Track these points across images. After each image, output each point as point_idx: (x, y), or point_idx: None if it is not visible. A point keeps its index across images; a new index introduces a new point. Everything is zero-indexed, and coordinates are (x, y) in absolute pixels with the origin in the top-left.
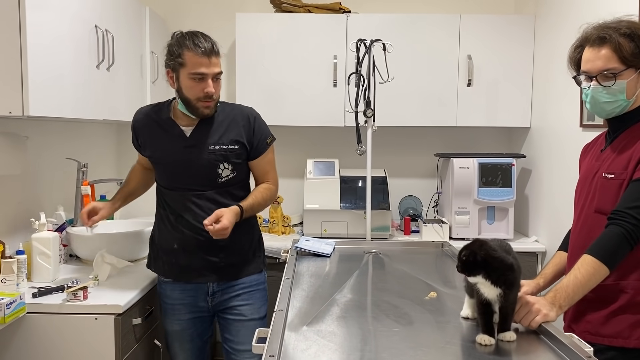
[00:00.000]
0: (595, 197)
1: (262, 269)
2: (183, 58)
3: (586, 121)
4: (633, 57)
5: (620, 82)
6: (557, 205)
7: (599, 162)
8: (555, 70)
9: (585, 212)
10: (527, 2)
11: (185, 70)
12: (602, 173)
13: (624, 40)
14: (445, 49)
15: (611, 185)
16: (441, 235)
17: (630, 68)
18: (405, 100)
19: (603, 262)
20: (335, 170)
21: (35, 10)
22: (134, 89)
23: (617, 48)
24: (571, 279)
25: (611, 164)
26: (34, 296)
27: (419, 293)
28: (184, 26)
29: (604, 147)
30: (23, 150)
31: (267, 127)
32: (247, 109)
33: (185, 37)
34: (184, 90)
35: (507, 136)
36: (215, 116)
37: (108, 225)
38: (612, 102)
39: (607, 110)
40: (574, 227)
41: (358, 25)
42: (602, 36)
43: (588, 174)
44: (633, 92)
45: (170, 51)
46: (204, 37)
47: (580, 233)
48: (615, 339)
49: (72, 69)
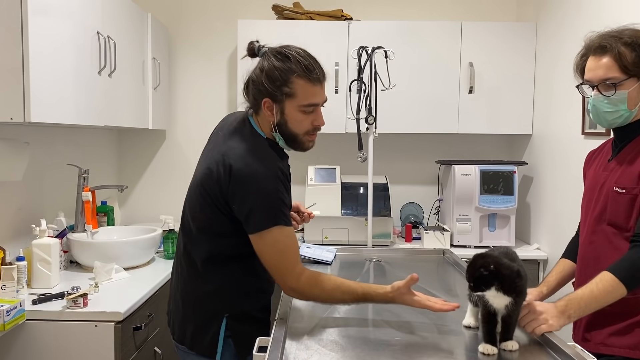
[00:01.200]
0: (607, 210)
1: None
2: (292, 87)
3: (588, 129)
4: (634, 67)
5: (621, 92)
6: (559, 213)
7: (607, 172)
8: (557, 77)
9: (595, 223)
10: (529, 10)
11: (295, 101)
12: (613, 186)
13: (625, 50)
14: (446, 56)
15: (623, 200)
16: (442, 242)
17: (632, 78)
18: (407, 107)
19: (622, 282)
20: (337, 176)
21: (38, 17)
22: (136, 96)
23: (618, 57)
24: (586, 292)
25: (620, 177)
26: (34, 303)
27: None
28: (185, 33)
29: (611, 157)
30: (24, 156)
31: None
32: None
33: (291, 58)
34: (289, 124)
35: (508, 143)
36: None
37: (109, 232)
38: (613, 112)
39: (609, 121)
40: (583, 238)
41: (360, 33)
42: (603, 45)
43: (595, 184)
44: (635, 103)
45: (272, 77)
46: (312, 58)
47: (591, 245)
48: (633, 350)
49: (74, 75)
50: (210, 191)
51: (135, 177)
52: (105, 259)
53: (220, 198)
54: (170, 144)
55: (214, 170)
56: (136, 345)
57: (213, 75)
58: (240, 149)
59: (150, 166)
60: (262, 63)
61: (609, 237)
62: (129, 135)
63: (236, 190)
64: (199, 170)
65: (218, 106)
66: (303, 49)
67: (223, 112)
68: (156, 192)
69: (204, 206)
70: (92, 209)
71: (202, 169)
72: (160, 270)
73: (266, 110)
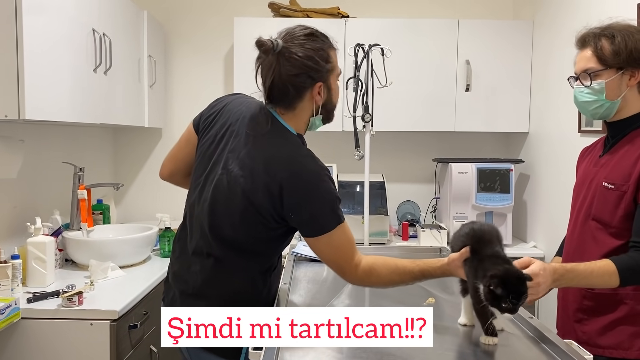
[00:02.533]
0: (593, 205)
1: None
2: (331, 60)
3: (584, 127)
4: (612, 58)
5: (598, 82)
6: (556, 211)
7: (597, 167)
8: (554, 75)
9: (581, 218)
10: (525, 8)
11: (334, 73)
12: (602, 182)
13: (605, 42)
14: (443, 54)
15: (611, 196)
16: (439, 240)
17: (610, 69)
18: (403, 105)
19: (620, 276)
20: (333, 175)
21: (32, 14)
22: (131, 93)
23: (595, 49)
24: (583, 268)
25: (610, 173)
26: (29, 301)
27: (417, 299)
28: (181, 30)
29: (603, 153)
30: (19, 154)
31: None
32: None
33: (318, 35)
34: (333, 98)
35: (505, 141)
36: None
37: (105, 231)
38: (592, 102)
39: (590, 111)
40: (569, 233)
41: (356, 30)
42: (585, 38)
43: (585, 178)
44: (616, 94)
45: (319, 59)
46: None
47: (576, 240)
48: (615, 350)
49: (69, 72)
50: (260, 207)
51: (131, 175)
52: (101, 257)
53: (273, 213)
54: (166, 142)
55: (262, 184)
56: (132, 343)
57: (209, 73)
58: (286, 154)
59: (146, 164)
60: (292, 53)
61: (593, 233)
62: (125, 133)
63: (294, 199)
64: (236, 179)
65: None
66: (305, 25)
67: None
68: (152, 190)
69: (248, 222)
70: (88, 207)
71: (245, 181)
72: (156, 269)
73: (316, 95)
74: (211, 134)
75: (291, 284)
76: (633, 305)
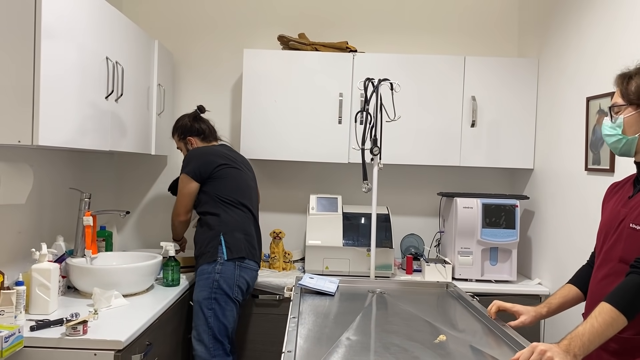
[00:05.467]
0: (621, 247)
1: (213, 260)
2: None
3: (591, 164)
4: (634, 94)
5: (619, 117)
6: (561, 248)
7: (626, 209)
8: (559, 112)
9: (609, 260)
10: (531, 46)
11: None
12: (630, 223)
13: (632, 79)
14: (449, 90)
15: (638, 238)
16: (444, 275)
17: (631, 105)
18: (409, 139)
19: (621, 312)
20: (338, 206)
21: (50, 41)
22: (140, 121)
23: (622, 86)
24: (587, 327)
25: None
26: (32, 329)
27: (427, 336)
28: (192, 60)
29: (632, 194)
30: (29, 179)
31: (184, 163)
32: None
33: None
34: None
35: (510, 177)
36: None
37: (108, 258)
38: (612, 136)
39: (610, 145)
40: (594, 273)
41: (364, 65)
42: (618, 76)
43: (613, 219)
44: (634, 130)
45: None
46: None
47: (602, 281)
48: None
49: (82, 99)
50: None
51: (134, 202)
52: (105, 285)
53: None
54: (171, 169)
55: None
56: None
57: (216, 103)
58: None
59: (150, 191)
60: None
61: (622, 275)
62: (130, 159)
63: None
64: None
65: (221, 133)
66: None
67: (226, 139)
68: (155, 218)
69: None
70: (93, 233)
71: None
72: (160, 298)
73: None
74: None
75: (299, 318)
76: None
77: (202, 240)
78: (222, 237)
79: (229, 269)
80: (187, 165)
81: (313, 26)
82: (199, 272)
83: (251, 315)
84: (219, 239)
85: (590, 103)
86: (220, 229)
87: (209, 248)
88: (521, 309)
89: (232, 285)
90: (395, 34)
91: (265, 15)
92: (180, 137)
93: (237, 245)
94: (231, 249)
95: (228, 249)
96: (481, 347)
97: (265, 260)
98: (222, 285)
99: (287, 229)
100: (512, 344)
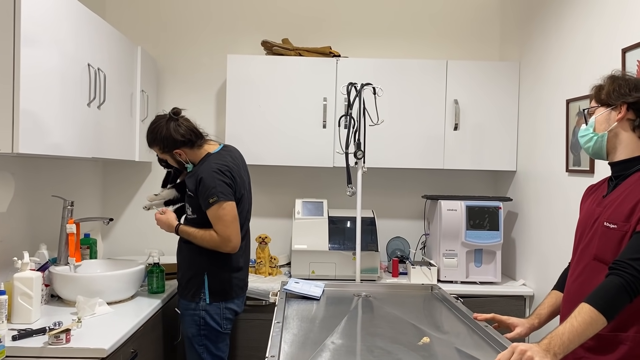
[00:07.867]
0: (595, 245)
1: (194, 300)
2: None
3: (572, 166)
4: (607, 97)
5: (592, 118)
6: (544, 249)
7: (601, 207)
8: (540, 115)
9: (584, 258)
10: (512, 50)
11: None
12: (604, 221)
13: (604, 86)
14: (432, 94)
15: (612, 236)
16: (429, 277)
17: (602, 106)
18: (393, 143)
19: (601, 312)
20: (324, 210)
21: (30, 48)
22: (124, 128)
23: (596, 92)
24: (567, 327)
25: (613, 213)
26: (14, 339)
27: (411, 338)
28: (176, 66)
29: (606, 193)
30: (10, 187)
31: (211, 188)
32: (205, 167)
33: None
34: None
35: (493, 179)
36: (195, 167)
37: (92, 266)
38: (585, 136)
39: (583, 145)
40: (571, 272)
41: (347, 69)
42: (593, 86)
43: (588, 218)
44: (604, 127)
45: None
46: None
47: (577, 279)
48: None
49: (64, 106)
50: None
51: (119, 209)
52: (89, 293)
53: None
54: (155, 176)
55: None
56: None
57: (201, 108)
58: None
59: (135, 198)
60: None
61: (595, 273)
62: (114, 166)
63: None
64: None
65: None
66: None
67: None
68: (140, 225)
69: None
70: (76, 241)
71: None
72: (144, 305)
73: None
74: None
75: (284, 322)
76: (632, 347)
77: (183, 273)
78: (206, 277)
79: (214, 308)
80: (213, 187)
81: (297, 31)
82: (182, 306)
83: (237, 321)
84: (202, 279)
85: (570, 105)
86: (204, 267)
87: (190, 285)
88: (516, 321)
89: (220, 320)
90: (378, 38)
91: (248, 21)
92: (165, 150)
93: (222, 287)
94: (214, 292)
95: (211, 293)
96: (465, 348)
97: (252, 265)
98: (209, 322)
99: (273, 233)
100: (495, 345)
